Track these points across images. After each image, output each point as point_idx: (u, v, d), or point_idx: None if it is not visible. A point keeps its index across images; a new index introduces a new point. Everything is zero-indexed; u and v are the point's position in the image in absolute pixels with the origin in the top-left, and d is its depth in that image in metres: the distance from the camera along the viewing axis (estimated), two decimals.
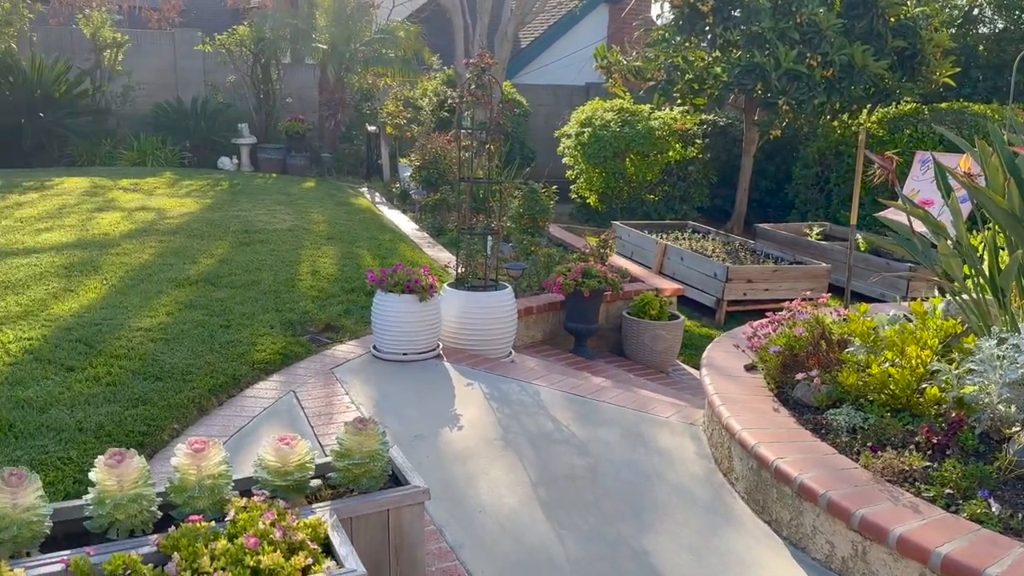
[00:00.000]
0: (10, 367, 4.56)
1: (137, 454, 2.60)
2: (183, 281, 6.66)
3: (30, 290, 6.09)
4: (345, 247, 8.45)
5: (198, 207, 10.04)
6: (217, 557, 2.30)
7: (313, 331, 5.94)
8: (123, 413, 4.13)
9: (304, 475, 2.76)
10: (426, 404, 4.71)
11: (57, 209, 9.32)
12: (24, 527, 2.41)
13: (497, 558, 3.18)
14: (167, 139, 14.31)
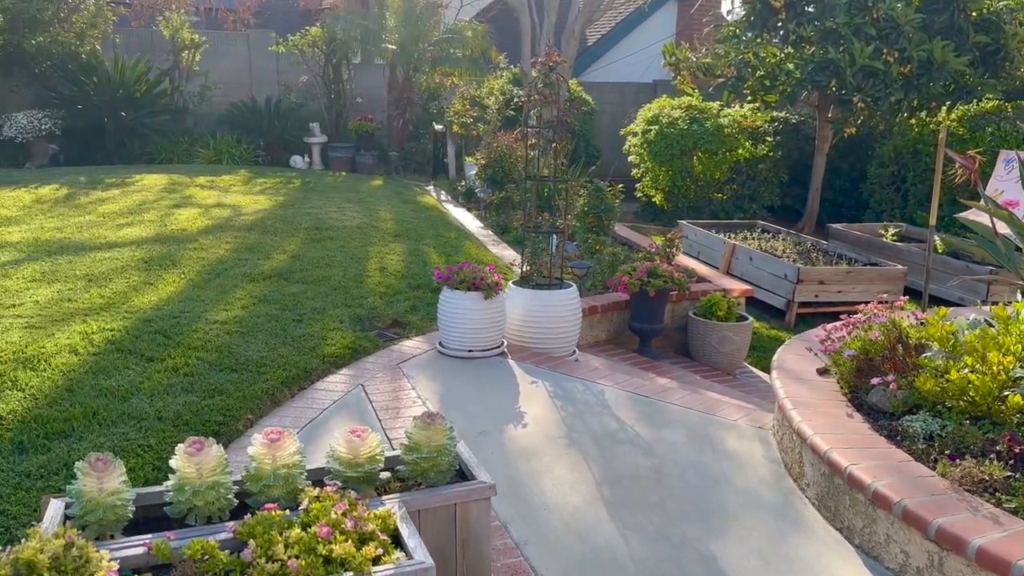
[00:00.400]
0: (94, 357, 4.76)
1: (215, 443, 2.69)
2: (257, 276, 6.84)
3: (112, 283, 6.34)
4: (412, 244, 8.56)
5: (271, 204, 10.30)
6: (291, 545, 2.36)
7: (380, 326, 6.03)
8: (200, 403, 4.27)
9: (374, 467, 2.81)
10: (490, 401, 4.74)
11: (137, 205, 9.68)
12: (109, 510, 2.52)
13: (562, 556, 3.19)
14: (242, 138, 14.72)
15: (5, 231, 7.95)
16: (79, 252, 7.25)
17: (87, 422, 3.93)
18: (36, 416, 3.94)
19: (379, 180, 13.62)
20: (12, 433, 3.76)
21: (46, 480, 3.41)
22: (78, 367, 4.58)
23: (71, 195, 10.11)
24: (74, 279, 6.39)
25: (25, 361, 4.59)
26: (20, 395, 4.16)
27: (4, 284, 6.16)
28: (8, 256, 7.02)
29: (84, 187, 10.68)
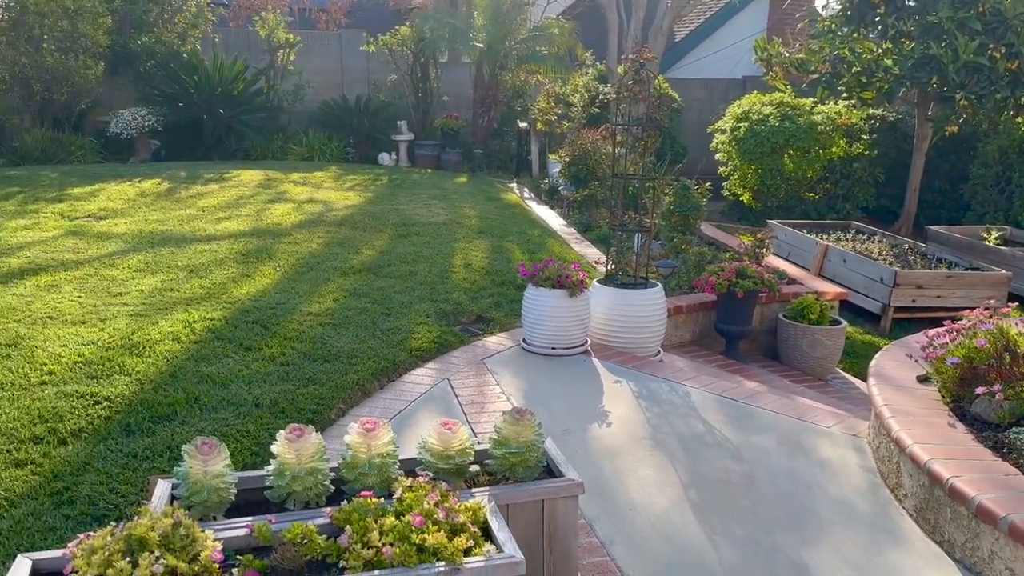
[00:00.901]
0: (195, 344, 4.97)
1: (314, 430, 2.77)
2: (347, 270, 7.01)
3: (212, 274, 6.60)
4: (495, 241, 8.62)
5: (361, 200, 10.53)
6: (386, 533, 2.41)
7: (465, 322, 6.10)
8: (295, 391, 4.41)
9: (464, 460, 2.85)
10: (574, 399, 4.74)
11: (235, 200, 10.04)
12: (213, 493, 2.63)
13: (648, 557, 3.17)
14: (333, 135, 15.09)
15: (112, 223, 8.36)
16: (180, 244, 7.58)
17: (189, 407, 4.11)
18: (142, 400, 4.14)
19: (463, 177, 13.76)
20: (120, 416, 3.96)
21: (151, 461, 3.58)
22: (180, 354, 4.79)
23: (172, 189, 10.56)
24: (176, 270, 6.68)
25: (131, 347, 4.83)
26: (127, 379, 4.38)
27: (111, 273, 6.49)
28: (115, 247, 7.39)
29: (184, 182, 11.14)
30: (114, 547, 2.24)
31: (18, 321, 5.22)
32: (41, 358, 4.58)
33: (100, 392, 4.17)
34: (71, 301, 5.70)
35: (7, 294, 5.79)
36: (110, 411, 3.99)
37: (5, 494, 3.21)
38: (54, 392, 4.14)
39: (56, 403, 4.02)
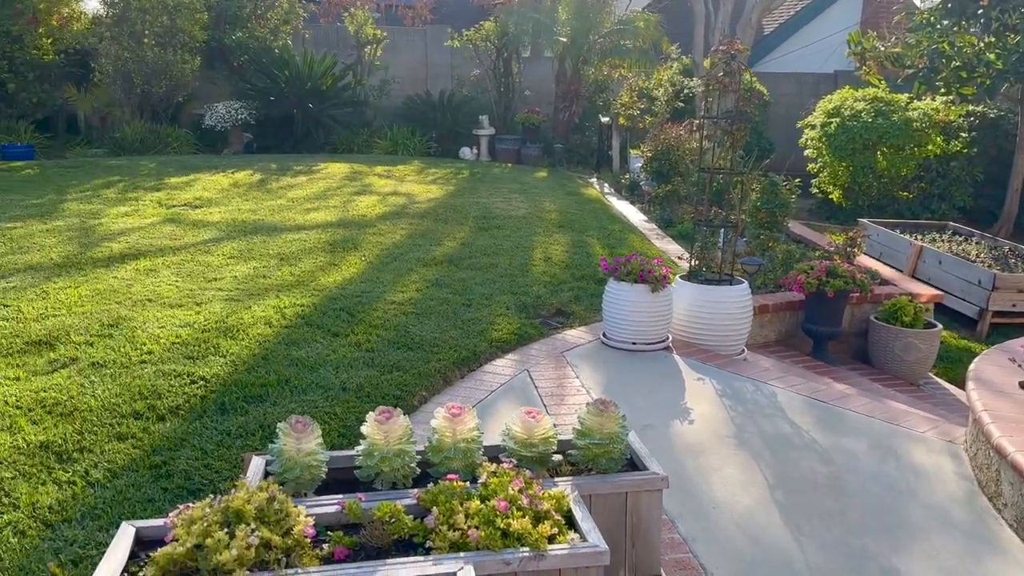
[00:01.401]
0: (286, 329, 5.12)
1: (402, 413, 2.83)
2: (429, 261, 7.11)
3: (301, 263, 6.79)
4: (575, 235, 8.60)
5: (442, 193, 10.65)
6: (471, 516, 2.44)
7: (545, 315, 6.11)
8: (380, 377, 4.50)
9: (547, 449, 2.86)
10: (655, 395, 4.69)
11: (322, 191, 10.30)
12: (306, 470, 2.71)
13: (731, 555, 3.11)
14: (416, 130, 15.31)
15: (207, 212, 8.69)
16: (271, 233, 7.81)
17: (280, 388, 4.24)
18: (236, 381, 4.29)
19: (543, 172, 13.77)
20: (215, 395, 4.12)
21: (244, 439, 3.71)
22: (272, 338, 4.95)
23: (263, 180, 10.89)
24: (267, 257, 6.89)
25: (226, 330, 5.01)
26: (222, 360, 4.54)
27: (207, 260, 6.74)
28: (210, 234, 7.67)
29: (275, 173, 11.48)
30: (212, 518, 2.33)
31: (119, 303, 5.48)
32: (141, 338, 4.80)
33: (196, 372, 4.34)
34: (169, 285, 5.95)
35: (109, 277, 6.09)
36: (206, 390, 4.15)
37: (108, 465, 3.38)
38: (153, 371, 4.33)
39: (155, 381, 4.20)
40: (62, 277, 6.03)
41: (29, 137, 13.18)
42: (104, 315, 5.19)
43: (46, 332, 4.83)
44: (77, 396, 3.98)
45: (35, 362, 4.41)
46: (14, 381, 4.14)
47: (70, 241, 7.15)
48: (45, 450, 3.46)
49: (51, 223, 7.78)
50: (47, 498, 3.11)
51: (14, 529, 2.89)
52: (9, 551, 2.78)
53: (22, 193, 9.21)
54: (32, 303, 5.39)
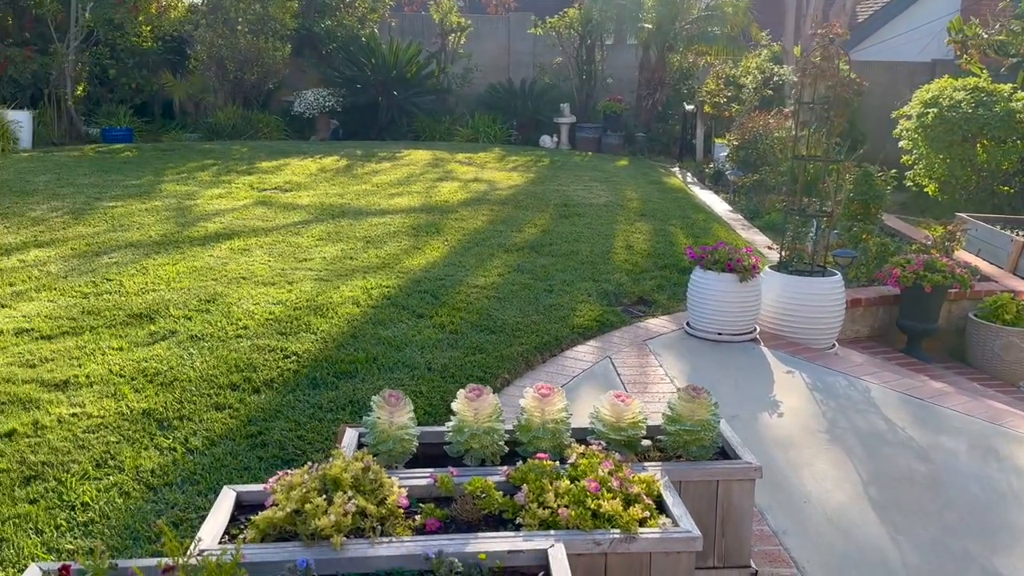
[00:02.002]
0: (373, 309, 5.21)
1: (491, 392, 2.85)
2: (511, 247, 7.13)
3: (386, 246, 6.90)
4: (658, 224, 8.49)
5: (523, 181, 10.66)
6: (561, 495, 2.44)
7: (626, 303, 6.05)
8: (463, 359, 4.54)
9: (636, 433, 2.83)
10: (742, 386, 4.60)
11: (405, 177, 10.44)
12: (398, 443, 2.75)
13: (822, 550, 3.03)
14: (497, 117, 15.36)
15: (297, 195, 8.91)
16: (357, 217, 7.97)
17: (368, 366, 4.33)
18: (326, 357, 4.40)
19: (624, 160, 13.63)
20: (307, 370, 4.23)
21: (335, 413, 3.79)
22: (360, 317, 5.05)
23: (349, 166, 11.11)
24: (354, 240, 7.03)
25: (316, 309, 5.13)
26: (312, 338, 4.66)
27: (298, 241, 6.91)
28: (299, 217, 7.87)
29: (360, 159, 11.70)
30: (311, 485, 2.39)
31: (215, 280, 5.67)
32: (236, 314, 4.96)
33: (289, 347, 4.47)
34: (261, 264, 6.13)
35: (205, 255, 6.31)
36: (298, 365, 4.27)
37: (206, 434, 3.51)
38: (248, 345, 4.48)
39: (250, 355, 4.34)
40: (160, 254, 6.28)
41: (128, 121, 13.76)
42: (201, 291, 5.39)
43: (147, 306, 5.04)
44: (177, 367, 4.15)
45: (137, 334, 4.61)
46: (117, 351, 4.34)
47: (167, 220, 7.44)
48: (147, 417, 3.61)
49: (150, 203, 8.11)
50: (149, 462, 3.25)
51: (119, 490, 3.03)
52: (115, 511, 2.91)
53: (122, 174, 9.63)
54: (133, 278, 5.63)
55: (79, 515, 2.85)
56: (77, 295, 5.22)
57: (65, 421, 3.51)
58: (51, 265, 5.87)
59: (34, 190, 8.39)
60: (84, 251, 6.29)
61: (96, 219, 7.34)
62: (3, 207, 7.56)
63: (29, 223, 7.07)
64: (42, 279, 5.53)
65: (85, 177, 9.28)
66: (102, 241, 6.59)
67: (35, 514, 2.82)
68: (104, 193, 8.45)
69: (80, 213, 7.52)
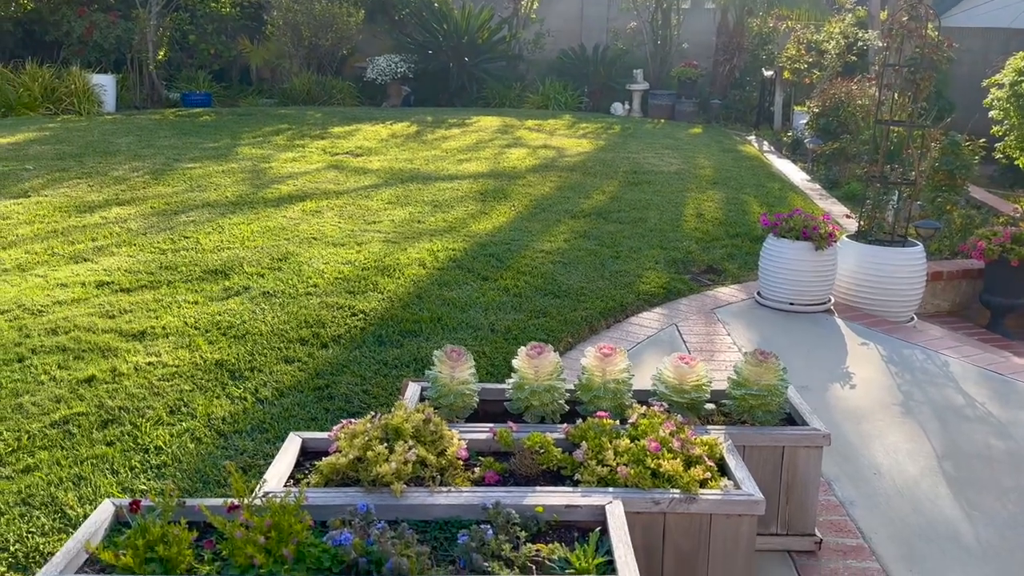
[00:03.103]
0: (439, 271, 5.25)
1: (552, 350, 2.83)
2: (578, 213, 7.07)
3: (454, 210, 6.92)
4: (730, 193, 8.29)
5: (592, 148, 10.54)
6: (620, 453, 2.42)
7: (695, 271, 5.95)
8: (526, 321, 4.53)
9: (700, 396, 2.78)
10: (813, 356, 4.48)
11: (475, 143, 10.44)
12: (459, 397, 2.77)
13: (892, 522, 2.94)
14: (568, 84, 15.18)
15: (367, 160, 9.00)
16: (426, 181, 8.01)
17: (433, 325, 4.36)
18: (392, 316, 4.45)
19: (698, 128, 13.34)
20: (373, 327, 4.29)
21: (399, 370, 3.84)
22: (426, 279, 5.08)
23: (419, 132, 11.16)
24: (422, 204, 7.08)
25: (384, 269, 5.19)
26: (380, 297, 4.72)
27: (367, 204, 6.99)
28: (369, 181, 7.96)
29: (430, 126, 11.74)
30: (373, 434, 2.43)
31: (288, 240, 5.79)
32: (307, 272, 5.06)
33: (356, 305, 4.54)
34: (332, 226, 6.23)
35: (278, 216, 6.44)
36: (365, 322, 4.33)
37: (276, 385, 3.60)
38: (317, 302, 4.56)
39: (319, 312, 4.42)
40: (236, 214, 6.44)
41: (207, 86, 14.09)
42: (273, 250, 5.51)
43: (222, 263, 5.18)
44: (249, 321, 4.26)
45: (212, 289, 4.75)
46: (193, 305, 4.47)
47: (243, 182, 7.61)
48: (220, 367, 3.72)
49: (226, 165, 8.30)
50: (221, 410, 3.35)
51: (191, 436, 3.14)
52: (187, 455, 3.02)
53: (201, 137, 9.88)
54: (209, 236, 5.79)
55: (152, 458, 2.96)
56: (155, 251, 5.40)
57: (141, 369, 3.64)
58: (131, 222, 6.08)
59: (117, 151, 8.69)
60: (163, 209, 6.50)
61: (175, 179, 7.56)
62: (88, 167, 7.85)
63: (111, 182, 7.32)
64: (122, 235, 5.73)
65: (165, 139, 9.56)
66: (180, 200, 6.79)
67: (111, 455, 2.95)
68: (183, 155, 8.69)
69: (160, 173, 7.76)
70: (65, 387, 3.42)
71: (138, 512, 2.03)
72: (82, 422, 3.15)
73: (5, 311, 4.21)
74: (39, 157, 8.14)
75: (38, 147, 8.66)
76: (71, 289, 4.59)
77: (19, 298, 4.40)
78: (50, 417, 3.17)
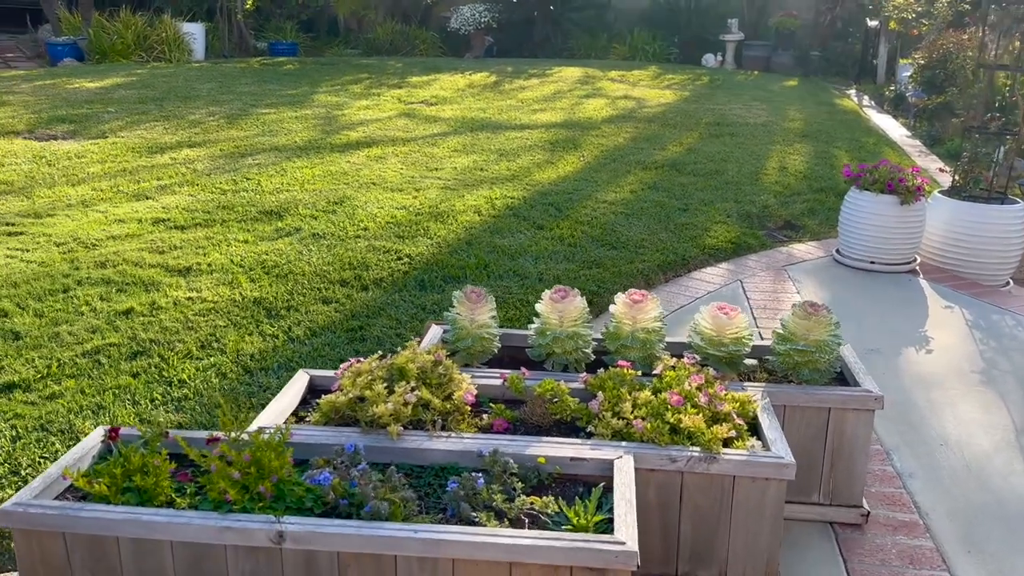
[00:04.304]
0: (493, 219, 5.08)
1: (579, 294, 2.64)
2: (650, 164, 6.76)
3: (519, 159, 6.72)
4: (819, 146, 7.78)
5: (676, 99, 10.11)
6: (639, 406, 2.22)
7: (771, 226, 5.59)
8: (578, 271, 4.33)
9: (739, 349, 2.54)
10: (889, 319, 4.12)
11: (552, 94, 10.15)
12: (477, 341, 2.61)
13: (954, 497, 2.65)
14: (657, 35, 14.62)
15: (440, 109, 8.87)
16: (496, 131, 7.82)
17: (478, 272, 4.21)
18: (438, 261, 4.32)
19: (793, 81, 12.63)
20: (417, 272, 4.17)
21: (436, 315, 3.71)
22: (479, 225, 4.93)
23: (497, 82, 10.95)
24: (488, 152, 6.90)
25: (437, 215, 5.06)
26: (428, 242, 4.60)
27: (432, 152, 6.87)
28: (439, 129, 7.82)
29: (510, 76, 11.50)
30: (377, 373, 2.30)
31: (347, 184, 5.73)
32: (360, 216, 4.98)
33: (403, 250, 4.43)
34: (394, 172, 6.13)
35: (342, 161, 6.38)
36: (409, 267, 4.22)
37: (310, 325, 3.53)
38: (365, 245, 4.47)
39: (365, 255, 4.33)
40: (301, 158, 6.42)
41: (294, 36, 14.20)
42: (331, 194, 5.45)
43: (278, 204, 5.16)
44: (294, 261, 4.21)
45: (264, 229, 4.72)
46: (243, 244, 4.46)
47: (314, 128, 7.60)
48: (257, 305, 3.68)
49: (300, 111, 8.31)
50: (251, 347, 3.30)
51: (217, 371, 3.10)
52: (209, 389, 2.98)
53: (281, 84, 9.94)
54: (271, 179, 5.78)
55: (174, 391, 2.94)
56: (216, 191, 5.42)
57: (180, 304, 3.63)
58: (198, 163, 6.13)
59: (197, 96, 8.82)
60: (231, 152, 6.54)
61: (248, 124, 7.61)
62: (166, 111, 8.00)
63: (187, 125, 7.43)
64: (187, 175, 5.79)
65: (245, 86, 9.66)
66: (250, 144, 6.83)
67: (135, 387, 2.94)
68: (260, 101, 8.76)
69: (235, 118, 7.83)
70: (103, 318, 3.44)
71: (117, 440, 1.98)
72: (112, 353, 3.16)
73: (61, 244, 4.29)
74: (123, 101, 8.34)
75: (123, 92, 8.88)
76: (127, 225, 4.65)
77: (76, 232, 4.48)
78: (83, 347, 3.19)
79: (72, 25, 12.29)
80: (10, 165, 5.81)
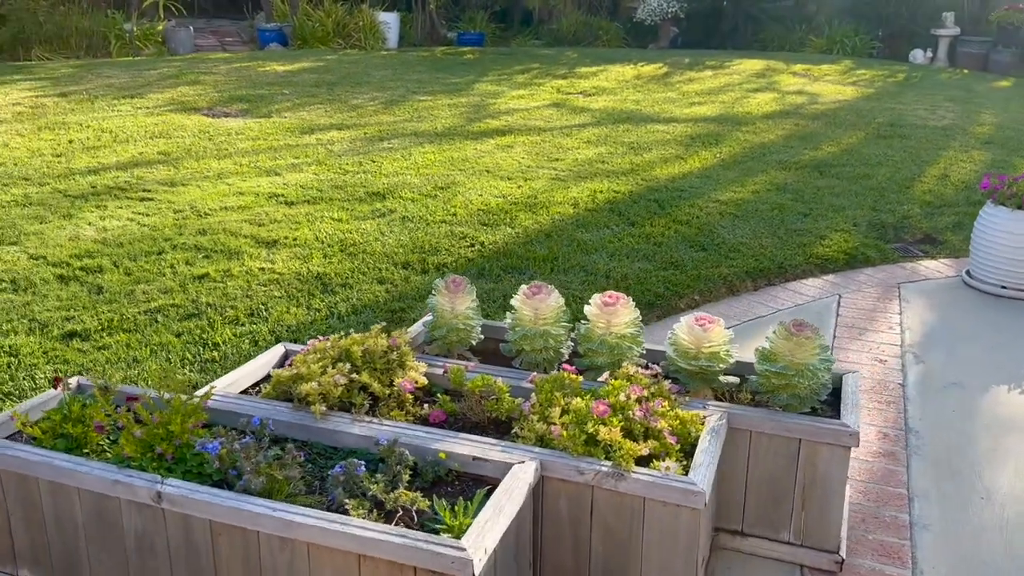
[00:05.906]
0: (587, 212, 5.01)
1: (556, 292, 2.56)
2: (790, 164, 6.34)
3: (648, 153, 6.55)
4: (1000, 155, 6.91)
5: (855, 96, 9.36)
6: (567, 412, 2.14)
7: (907, 239, 5.07)
8: (651, 272, 4.17)
9: (712, 365, 2.36)
10: (993, 352, 3.62)
11: (720, 87, 9.76)
12: (453, 331, 2.62)
13: (965, 558, 2.30)
14: (860, 27, 13.55)
15: (593, 100, 8.82)
16: (639, 123, 7.66)
17: (542, 264, 4.19)
18: (508, 251, 4.34)
19: (1007, 81, 11.25)
20: (482, 260, 4.22)
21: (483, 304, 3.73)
22: (568, 218, 4.89)
23: (667, 74, 10.68)
24: (618, 145, 6.79)
25: (532, 205, 5.07)
26: (510, 232, 4.63)
27: (562, 142, 6.86)
28: (580, 120, 7.79)
29: (682, 68, 11.17)
30: (329, 353, 2.38)
31: (461, 170, 5.87)
32: (456, 202, 5.10)
33: (479, 237, 4.49)
34: (513, 160, 6.20)
35: (469, 148, 6.55)
36: (476, 254, 4.28)
37: (356, 303, 3.69)
38: (445, 230, 4.59)
39: (439, 240, 4.44)
40: (432, 144, 6.66)
41: (483, 26, 14.64)
42: (441, 179, 5.62)
43: (387, 186, 5.40)
44: (372, 241, 4.40)
45: (362, 209, 4.97)
46: (335, 222, 4.72)
47: (460, 116, 7.83)
48: (317, 280, 3.90)
49: (455, 99, 8.60)
50: (292, 319, 3.51)
51: (251, 339, 3.33)
52: (238, 354, 3.21)
53: (450, 73, 10.32)
54: (394, 162, 6.05)
55: (206, 352, 3.19)
56: (338, 171, 5.77)
57: (251, 273, 3.93)
58: (336, 145, 6.54)
59: (368, 82, 9.37)
60: (372, 136, 6.91)
61: (402, 110, 7.99)
62: (335, 94, 8.57)
63: (346, 109, 7.93)
64: (321, 156, 6.20)
65: (416, 74, 10.13)
66: (393, 129, 7.17)
67: (174, 345, 3.23)
68: (422, 88, 9.15)
69: (392, 104, 8.24)
70: (178, 281, 3.80)
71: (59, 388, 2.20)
72: (171, 312, 3.49)
73: (179, 211, 4.77)
74: (300, 84, 9.05)
75: (306, 76, 9.62)
76: (244, 197, 5.08)
77: (195, 201, 4.96)
78: (148, 305, 3.55)
79: (282, 12, 13.46)
80: (176, 137, 6.52)
